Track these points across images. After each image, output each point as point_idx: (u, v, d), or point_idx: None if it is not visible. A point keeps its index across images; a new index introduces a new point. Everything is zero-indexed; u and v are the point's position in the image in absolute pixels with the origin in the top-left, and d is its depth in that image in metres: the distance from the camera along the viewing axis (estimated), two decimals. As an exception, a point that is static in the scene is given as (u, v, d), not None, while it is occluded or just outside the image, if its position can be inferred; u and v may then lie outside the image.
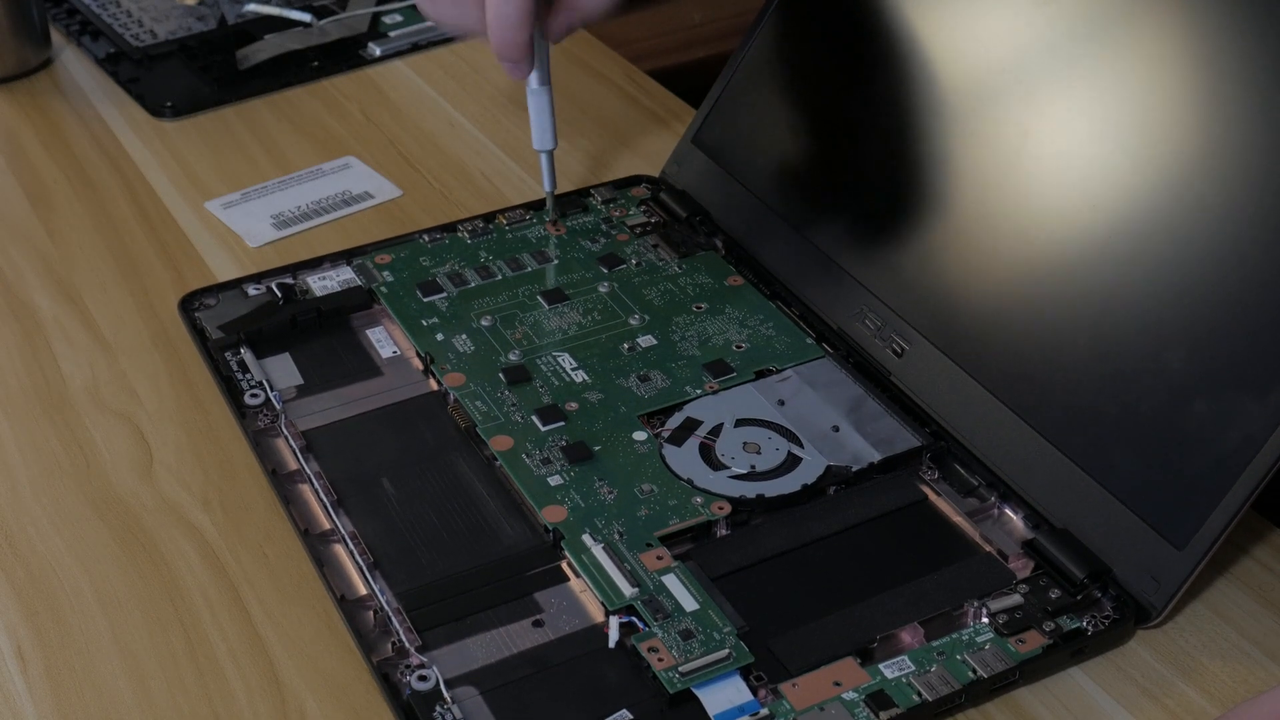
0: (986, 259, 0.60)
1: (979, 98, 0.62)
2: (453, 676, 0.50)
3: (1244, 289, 0.52)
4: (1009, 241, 0.59)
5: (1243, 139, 0.53)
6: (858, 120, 0.68)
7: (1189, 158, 0.54)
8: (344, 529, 0.56)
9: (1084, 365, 0.55)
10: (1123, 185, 0.56)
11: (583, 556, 0.54)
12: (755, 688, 0.49)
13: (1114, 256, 0.55)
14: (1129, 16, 0.57)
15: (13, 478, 0.60)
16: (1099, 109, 0.57)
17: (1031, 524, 0.55)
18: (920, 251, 0.62)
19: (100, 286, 0.71)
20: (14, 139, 0.84)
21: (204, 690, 0.51)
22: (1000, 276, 0.59)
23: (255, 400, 0.62)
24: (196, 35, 0.92)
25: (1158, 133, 0.55)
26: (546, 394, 0.62)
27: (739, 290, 0.68)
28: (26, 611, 0.54)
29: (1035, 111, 0.60)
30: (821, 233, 0.67)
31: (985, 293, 0.60)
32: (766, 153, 0.71)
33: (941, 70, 0.64)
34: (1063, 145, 0.58)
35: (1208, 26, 0.55)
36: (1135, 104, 0.56)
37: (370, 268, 0.70)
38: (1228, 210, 0.53)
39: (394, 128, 0.84)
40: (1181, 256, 0.54)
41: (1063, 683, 0.51)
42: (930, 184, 0.63)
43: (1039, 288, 0.58)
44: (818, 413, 0.60)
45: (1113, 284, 0.55)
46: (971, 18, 0.63)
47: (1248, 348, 0.51)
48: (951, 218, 0.62)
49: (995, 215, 0.60)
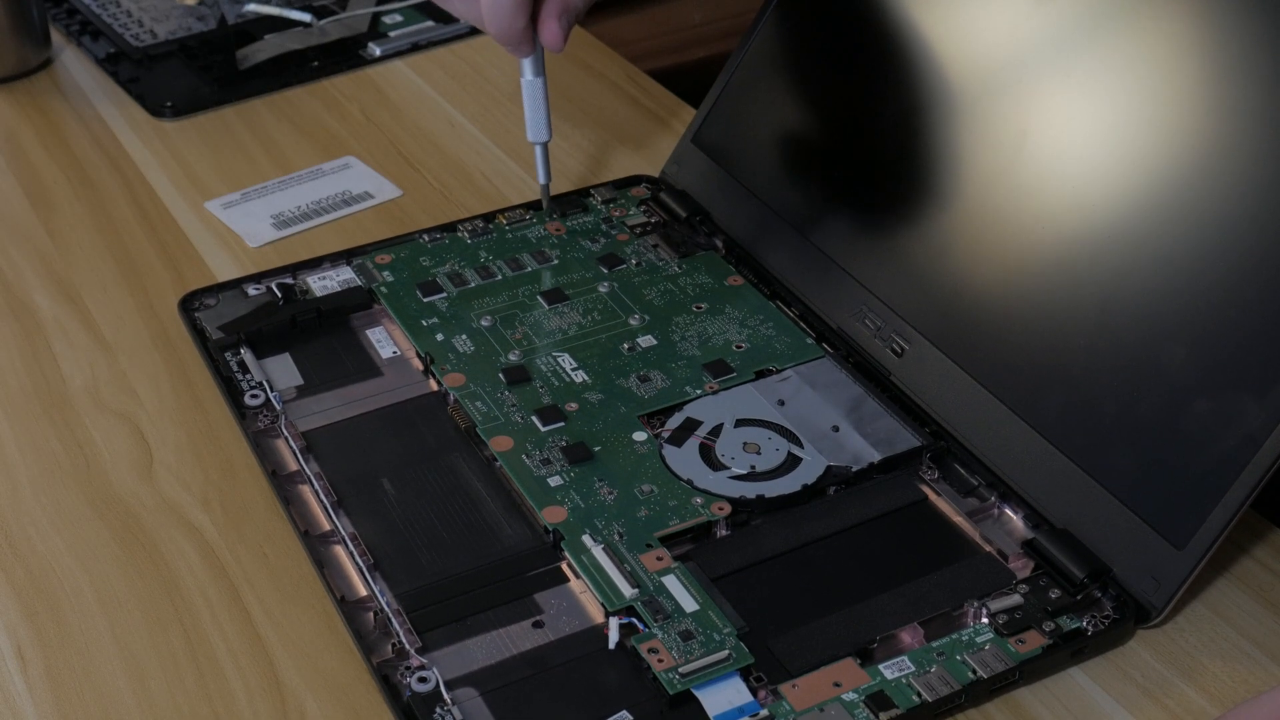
0: (986, 258, 0.60)
1: (978, 97, 0.62)
2: (453, 678, 0.50)
3: (1244, 288, 0.52)
4: (1009, 241, 0.59)
5: (1243, 138, 0.53)
6: (857, 120, 0.68)
7: (1188, 157, 0.54)
8: (344, 530, 0.56)
9: (1084, 364, 0.55)
10: (1122, 185, 0.56)
11: (583, 557, 0.54)
12: (755, 688, 0.49)
13: (1114, 256, 0.55)
14: (1129, 15, 0.57)
15: (13, 478, 0.60)
16: (1098, 109, 0.57)
17: (1031, 524, 0.55)
18: (920, 251, 0.62)
19: (100, 286, 0.71)
20: (14, 139, 0.84)
21: (204, 690, 0.51)
22: (1000, 276, 0.59)
23: (255, 401, 0.62)
24: (196, 35, 0.92)
25: (1157, 133, 0.55)
26: (546, 394, 0.62)
27: (739, 290, 0.68)
28: (26, 611, 0.54)
29: (1034, 112, 0.60)
30: (821, 232, 0.67)
31: (985, 292, 0.60)
32: (766, 153, 0.71)
33: (941, 70, 0.64)
34: (1062, 145, 0.58)
35: (1209, 25, 0.55)
36: (1135, 105, 0.56)
37: (370, 268, 0.70)
38: (1227, 210, 0.53)
39: (394, 128, 0.84)
40: (1181, 256, 0.54)
41: (1063, 683, 0.51)
42: (930, 183, 0.63)
43: (1039, 287, 0.58)
44: (818, 413, 0.60)
45: (1112, 283, 0.55)
46: (971, 17, 0.63)
47: (1247, 347, 0.51)
48: (951, 217, 0.62)
49: (995, 215, 0.60)
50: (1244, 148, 0.53)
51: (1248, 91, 0.53)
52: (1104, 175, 0.57)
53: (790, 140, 0.71)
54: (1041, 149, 0.59)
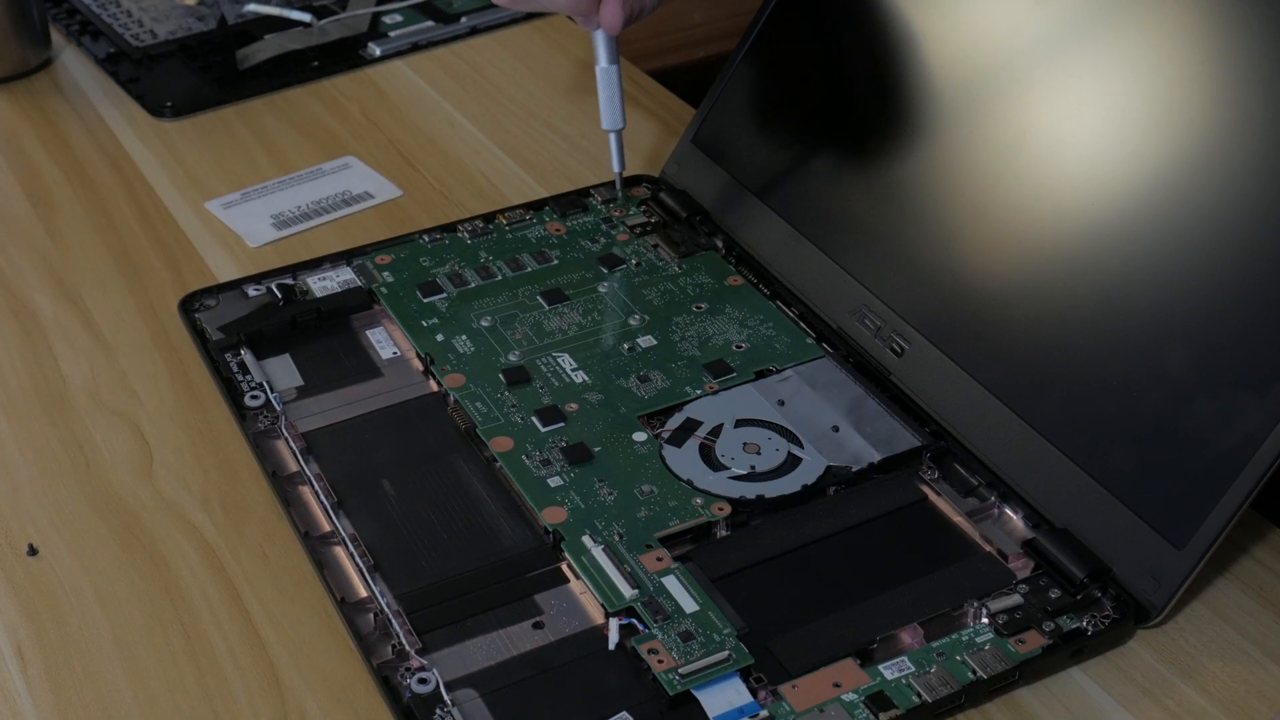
0: (986, 258, 0.60)
1: (977, 97, 0.62)
2: (453, 679, 0.50)
3: (1243, 288, 0.52)
4: (1008, 241, 0.59)
5: (1243, 137, 0.53)
6: (857, 119, 0.68)
7: (1189, 156, 0.54)
8: (344, 531, 0.56)
9: (1084, 364, 0.55)
10: (1122, 185, 0.56)
11: (583, 558, 0.54)
12: (755, 689, 0.49)
13: (1114, 256, 0.55)
14: (1128, 14, 0.57)
15: (13, 478, 0.60)
16: (1098, 109, 0.57)
17: (1031, 524, 0.55)
18: (920, 251, 0.62)
19: (100, 286, 0.71)
20: (14, 139, 0.84)
21: (204, 690, 0.51)
22: (1000, 276, 0.59)
23: (255, 402, 0.62)
24: (196, 35, 0.92)
25: (1157, 133, 0.55)
26: (546, 395, 0.62)
27: (739, 290, 0.68)
28: (26, 611, 0.54)
29: (1034, 111, 0.60)
30: (821, 232, 0.67)
31: (985, 292, 0.59)
32: (766, 153, 0.71)
33: (940, 69, 0.64)
34: (1062, 145, 0.58)
35: (1210, 23, 0.55)
36: (1134, 104, 0.56)
37: (370, 268, 0.70)
38: (1227, 209, 0.53)
39: (394, 128, 0.84)
40: (1181, 256, 0.54)
41: (1063, 683, 0.51)
42: (930, 183, 0.63)
43: (1039, 287, 0.58)
44: (818, 413, 0.60)
45: (1112, 283, 0.55)
46: (970, 17, 0.63)
47: (1247, 347, 0.51)
48: (951, 217, 0.62)
49: (994, 215, 0.60)
50: (1244, 147, 0.53)
51: (1247, 91, 0.53)
52: (1104, 175, 0.57)
53: (790, 140, 0.71)
54: (1041, 149, 0.59)
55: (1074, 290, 0.56)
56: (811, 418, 0.60)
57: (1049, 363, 0.56)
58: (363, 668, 0.51)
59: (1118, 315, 0.55)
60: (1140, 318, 0.54)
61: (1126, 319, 0.55)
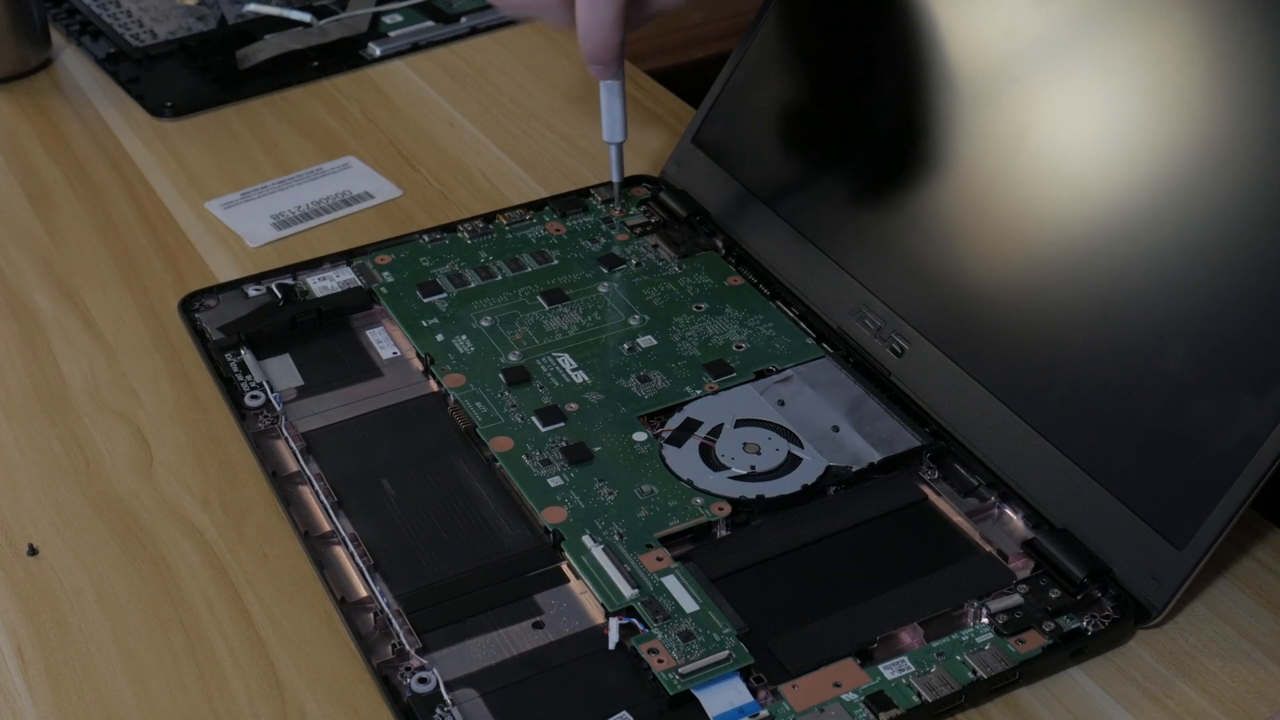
0: (986, 258, 0.60)
1: (978, 97, 0.62)
2: (453, 678, 0.50)
3: (1244, 288, 0.52)
4: (1009, 241, 0.59)
5: (1244, 137, 0.53)
6: (857, 119, 0.68)
7: (1189, 156, 0.54)
8: (344, 531, 0.56)
9: (1084, 364, 0.55)
10: (1122, 184, 0.56)
11: (583, 558, 0.54)
12: (755, 689, 0.49)
13: (1114, 255, 0.55)
14: (1129, 13, 0.57)
15: (13, 478, 0.60)
16: (1098, 108, 0.57)
17: (1031, 524, 0.55)
18: (921, 251, 0.62)
19: (100, 286, 0.71)
20: (14, 139, 0.84)
21: (204, 690, 0.51)
22: (1000, 276, 0.59)
23: (255, 402, 0.62)
24: (196, 35, 0.92)
25: (1158, 132, 0.55)
26: (546, 395, 0.62)
27: (739, 290, 0.68)
28: (26, 611, 0.54)
29: (1034, 111, 0.60)
30: (821, 232, 0.67)
31: (985, 292, 0.59)
32: (766, 153, 0.71)
33: (940, 69, 0.64)
34: (1062, 145, 0.58)
35: (1211, 22, 0.55)
36: (1135, 103, 0.56)
37: (370, 268, 0.70)
38: (1228, 209, 0.53)
39: (394, 128, 0.84)
40: (1181, 256, 0.54)
41: (1063, 683, 0.51)
42: (930, 183, 0.63)
43: (1039, 287, 0.58)
44: (818, 413, 0.60)
45: (1112, 283, 0.55)
46: (971, 16, 0.63)
47: (1247, 347, 0.51)
48: (952, 217, 0.62)
49: (995, 215, 0.60)
50: (1245, 146, 0.53)
51: (1248, 90, 0.53)
52: (1104, 174, 0.57)
53: (790, 140, 0.71)
54: (1041, 148, 0.59)
55: (1074, 290, 0.56)
56: (811, 418, 0.60)
57: (1049, 363, 0.56)
58: (363, 667, 0.51)
59: (1118, 315, 0.55)
60: (1140, 318, 0.54)
61: (1126, 319, 0.55)
